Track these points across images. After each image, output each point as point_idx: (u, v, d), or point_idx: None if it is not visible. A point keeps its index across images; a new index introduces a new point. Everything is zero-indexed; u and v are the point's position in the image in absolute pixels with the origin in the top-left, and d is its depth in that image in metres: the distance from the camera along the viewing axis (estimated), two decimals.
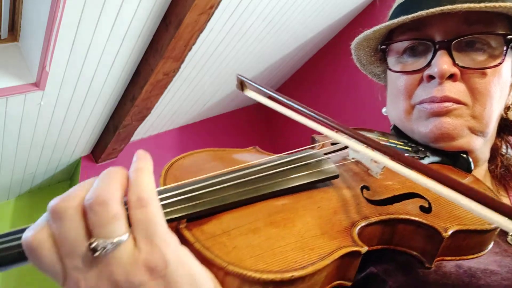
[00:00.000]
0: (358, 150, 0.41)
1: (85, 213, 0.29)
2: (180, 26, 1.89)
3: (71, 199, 0.29)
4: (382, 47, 0.63)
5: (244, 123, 4.12)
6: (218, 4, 1.87)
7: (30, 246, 0.29)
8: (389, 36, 0.64)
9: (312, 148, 0.54)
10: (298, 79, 3.88)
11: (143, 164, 0.32)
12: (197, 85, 3.04)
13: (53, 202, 0.29)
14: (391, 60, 0.63)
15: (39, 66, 1.89)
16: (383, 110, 0.70)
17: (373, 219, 0.39)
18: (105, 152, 3.01)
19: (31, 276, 2.97)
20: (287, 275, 0.31)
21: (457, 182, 0.31)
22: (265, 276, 0.31)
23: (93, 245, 0.27)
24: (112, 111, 2.73)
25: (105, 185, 0.29)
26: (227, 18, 2.41)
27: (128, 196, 0.30)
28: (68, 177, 3.42)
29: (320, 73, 3.57)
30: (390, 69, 0.62)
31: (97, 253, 0.27)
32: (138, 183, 0.30)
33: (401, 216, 0.40)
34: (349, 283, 0.37)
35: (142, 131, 3.26)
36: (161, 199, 0.35)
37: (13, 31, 1.92)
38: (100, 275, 0.28)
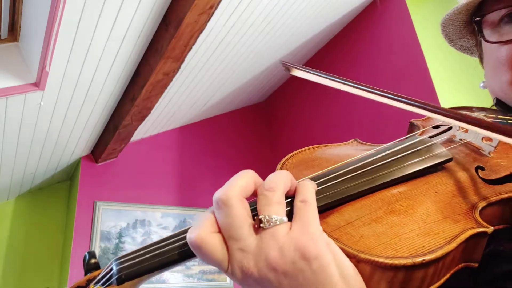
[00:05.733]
0: (469, 129, 0.40)
1: (252, 197, 0.36)
2: (180, 26, 1.89)
3: (232, 189, 0.35)
4: (477, 19, 0.61)
5: (244, 123, 4.12)
6: (218, 4, 1.87)
7: (196, 244, 0.34)
8: (480, 8, 0.62)
9: (413, 133, 0.53)
10: (298, 79, 3.87)
11: (308, 182, 0.38)
12: (197, 85, 3.04)
13: (218, 194, 0.35)
14: (487, 32, 0.61)
15: (39, 66, 1.89)
16: (481, 84, 0.67)
17: (493, 199, 0.39)
18: (105, 152, 3.01)
19: (30, 275, 2.97)
20: (418, 260, 0.31)
21: None
22: (396, 262, 0.31)
23: (261, 217, 0.33)
24: (112, 111, 2.73)
25: (275, 180, 0.36)
26: (227, 18, 2.41)
27: (296, 195, 0.36)
28: (68, 177, 3.42)
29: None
30: (487, 41, 0.60)
31: (262, 224, 0.33)
32: (306, 188, 0.37)
33: None
34: (476, 265, 0.37)
35: (142, 131, 3.26)
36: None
37: (13, 31, 1.92)
38: (259, 252, 0.32)
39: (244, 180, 0.35)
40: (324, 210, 0.38)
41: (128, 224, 3.08)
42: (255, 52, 3.01)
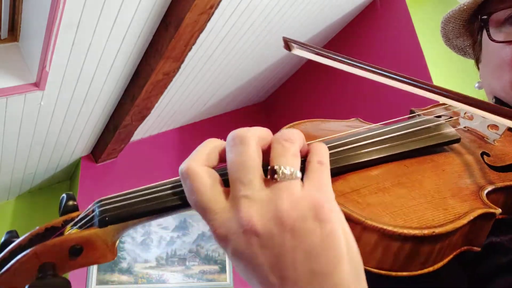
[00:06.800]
0: (475, 114, 0.39)
1: (273, 143, 0.32)
2: (180, 26, 1.89)
3: (252, 132, 0.32)
4: (483, 17, 0.60)
5: (244, 123, 4.10)
6: (218, 4, 1.87)
7: (187, 174, 0.31)
8: (484, 7, 0.62)
9: (417, 113, 0.53)
10: (298, 78, 3.88)
11: (324, 144, 0.36)
12: (197, 85, 3.04)
13: (236, 131, 0.32)
14: (491, 31, 0.60)
15: (39, 66, 1.89)
16: (476, 85, 0.68)
17: (499, 185, 0.38)
18: (105, 152, 3.01)
19: None
20: (429, 231, 0.30)
21: None
22: (406, 231, 0.30)
23: (276, 167, 0.29)
24: (112, 111, 2.73)
25: (294, 133, 0.33)
26: (227, 18, 2.41)
27: (312, 155, 0.33)
28: (68, 177, 3.42)
29: (320, 74, 3.57)
30: (493, 40, 0.59)
31: (276, 175, 0.29)
32: (322, 150, 0.34)
33: None
34: (478, 249, 0.36)
35: (142, 131, 3.26)
36: None
37: (13, 31, 1.92)
38: (269, 202, 0.29)
39: (263, 132, 0.33)
40: (331, 176, 0.36)
41: None
42: (255, 52, 3.01)
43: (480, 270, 0.40)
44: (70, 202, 0.38)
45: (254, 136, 0.31)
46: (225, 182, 0.31)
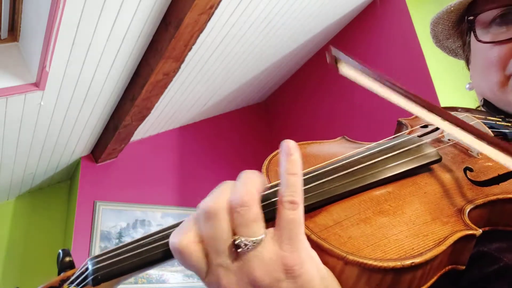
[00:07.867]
0: (455, 134, 0.40)
1: (231, 213, 0.32)
2: (180, 26, 1.89)
3: (221, 200, 0.32)
4: (470, 17, 0.60)
5: (244, 123, 4.12)
6: (218, 4, 1.87)
7: (178, 249, 0.32)
8: (471, 8, 0.62)
9: (402, 133, 0.53)
10: (298, 78, 3.88)
11: (297, 167, 0.33)
12: (197, 85, 3.04)
13: (205, 204, 0.32)
14: (478, 31, 0.60)
15: (39, 66, 1.89)
16: (467, 86, 0.68)
17: (481, 201, 0.39)
18: (105, 152, 3.01)
19: (30, 276, 2.97)
20: (407, 262, 0.31)
21: None
22: (385, 264, 0.31)
23: (237, 241, 0.31)
24: (112, 111, 2.73)
25: (248, 189, 0.32)
26: (227, 18, 2.41)
27: (280, 195, 0.32)
28: (68, 177, 3.42)
29: (320, 73, 3.57)
30: (480, 41, 0.59)
31: (240, 249, 0.31)
32: (293, 187, 0.32)
33: (509, 196, 0.39)
34: (463, 267, 0.36)
35: (142, 131, 3.26)
36: None
37: (13, 31, 1.92)
38: (241, 271, 0.31)
39: (237, 195, 0.33)
40: (312, 209, 0.37)
41: (128, 224, 3.08)
42: (255, 52, 3.01)
43: (466, 279, 0.40)
44: (67, 259, 0.40)
45: (224, 205, 0.32)
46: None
